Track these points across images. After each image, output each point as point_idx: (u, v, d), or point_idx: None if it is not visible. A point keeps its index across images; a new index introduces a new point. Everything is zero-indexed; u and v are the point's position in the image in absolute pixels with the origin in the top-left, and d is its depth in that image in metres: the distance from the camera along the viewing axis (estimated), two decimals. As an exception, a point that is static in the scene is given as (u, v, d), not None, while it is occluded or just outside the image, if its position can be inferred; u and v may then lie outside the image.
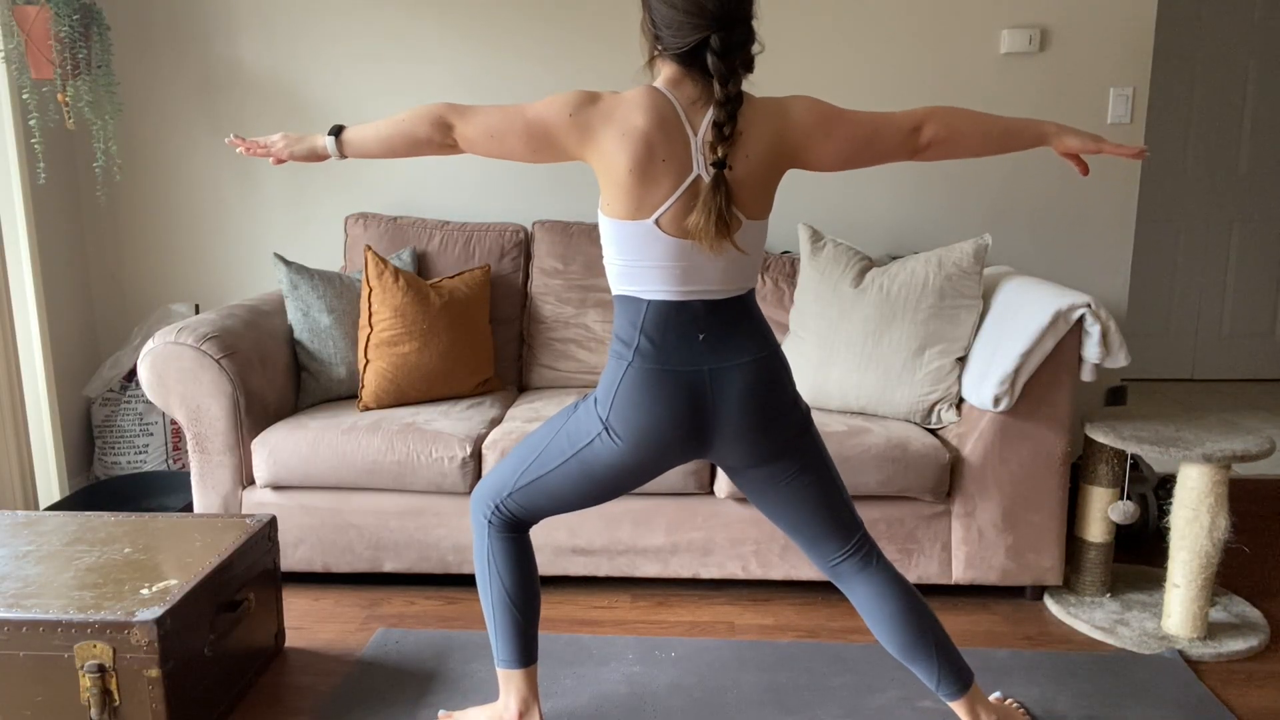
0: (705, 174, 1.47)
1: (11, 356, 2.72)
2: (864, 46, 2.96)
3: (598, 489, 1.65)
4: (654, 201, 1.48)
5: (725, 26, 1.43)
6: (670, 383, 1.53)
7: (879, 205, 3.05)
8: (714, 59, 1.44)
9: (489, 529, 1.72)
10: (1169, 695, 1.97)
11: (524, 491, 1.68)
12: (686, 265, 1.51)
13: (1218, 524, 2.10)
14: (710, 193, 1.45)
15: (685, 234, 1.48)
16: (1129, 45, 2.92)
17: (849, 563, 1.67)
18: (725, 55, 1.43)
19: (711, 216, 1.45)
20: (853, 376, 2.43)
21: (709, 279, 1.53)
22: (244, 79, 3.07)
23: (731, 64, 1.44)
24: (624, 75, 2.99)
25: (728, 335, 1.55)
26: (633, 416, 1.54)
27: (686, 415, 1.54)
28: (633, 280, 1.54)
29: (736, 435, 1.56)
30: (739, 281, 1.56)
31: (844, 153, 1.55)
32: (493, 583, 1.72)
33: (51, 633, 1.65)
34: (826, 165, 1.56)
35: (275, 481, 2.36)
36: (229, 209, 3.16)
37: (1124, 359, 2.19)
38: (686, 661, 2.11)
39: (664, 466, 1.62)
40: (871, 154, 1.56)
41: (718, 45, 1.43)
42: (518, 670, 1.75)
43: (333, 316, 2.63)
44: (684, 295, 1.53)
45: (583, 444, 1.60)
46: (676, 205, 1.48)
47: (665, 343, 1.53)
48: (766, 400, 1.56)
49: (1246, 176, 4.44)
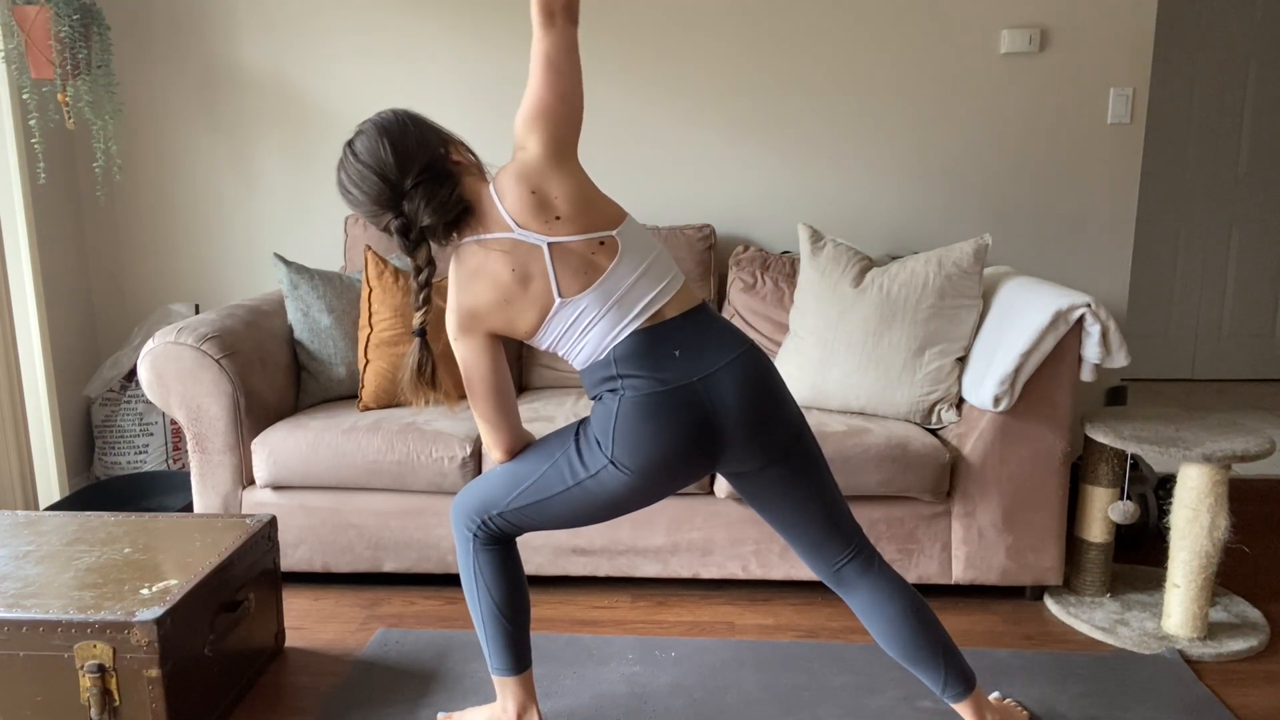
0: (542, 243, 1.53)
1: (11, 356, 2.72)
2: (864, 46, 2.96)
3: (602, 513, 1.63)
4: (543, 290, 1.53)
5: (392, 208, 1.54)
6: (667, 402, 1.51)
7: (879, 205, 3.06)
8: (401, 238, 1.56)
9: (474, 542, 1.70)
10: (1169, 695, 1.97)
11: (518, 512, 1.65)
12: (615, 302, 1.54)
13: (1218, 524, 2.10)
14: (567, 249, 1.53)
15: (587, 281, 1.53)
16: (1129, 45, 2.93)
17: (851, 566, 1.67)
18: (404, 233, 1.55)
19: (576, 259, 1.53)
20: (853, 376, 2.43)
21: (642, 295, 1.55)
22: (244, 79, 3.07)
23: (413, 237, 1.56)
24: (625, 75, 3.00)
25: (700, 343, 1.55)
26: (638, 445, 1.52)
27: (691, 430, 1.52)
28: (593, 347, 1.56)
29: (744, 434, 1.55)
30: (667, 278, 1.57)
31: (550, 107, 1.57)
32: (481, 596, 1.71)
33: (51, 633, 1.65)
34: (558, 139, 1.57)
35: (275, 481, 2.36)
36: (229, 209, 3.16)
37: (1124, 359, 2.18)
38: (686, 661, 2.11)
39: (677, 485, 1.60)
40: (551, 82, 1.58)
41: (398, 225, 1.55)
42: (512, 677, 1.74)
43: (333, 316, 2.63)
44: (635, 324, 1.54)
45: (585, 475, 1.58)
46: (558, 272, 1.53)
47: (645, 368, 1.53)
48: (763, 390, 1.56)
49: (1246, 176, 4.44)
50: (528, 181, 1.55)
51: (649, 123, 3.03)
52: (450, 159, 1.58)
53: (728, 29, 2.97)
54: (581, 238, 1.54)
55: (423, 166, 1.52)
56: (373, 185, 1.53)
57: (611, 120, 3.03)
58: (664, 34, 2.98)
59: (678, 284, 1.59)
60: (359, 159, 1.53)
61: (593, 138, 3.05)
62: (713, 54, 2.99)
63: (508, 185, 1.55)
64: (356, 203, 1.56)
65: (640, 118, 3.03)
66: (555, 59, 1.57)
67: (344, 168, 1.56)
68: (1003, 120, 2.99)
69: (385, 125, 1.55)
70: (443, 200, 1.52)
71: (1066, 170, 3.00)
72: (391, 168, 1.52)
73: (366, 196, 1.54)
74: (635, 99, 3.02)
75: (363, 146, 1.54)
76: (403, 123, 1.56)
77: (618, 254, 1.55)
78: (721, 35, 2.98)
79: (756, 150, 3.04)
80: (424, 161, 1.53)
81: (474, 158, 1.62)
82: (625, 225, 1.58)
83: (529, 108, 1.57)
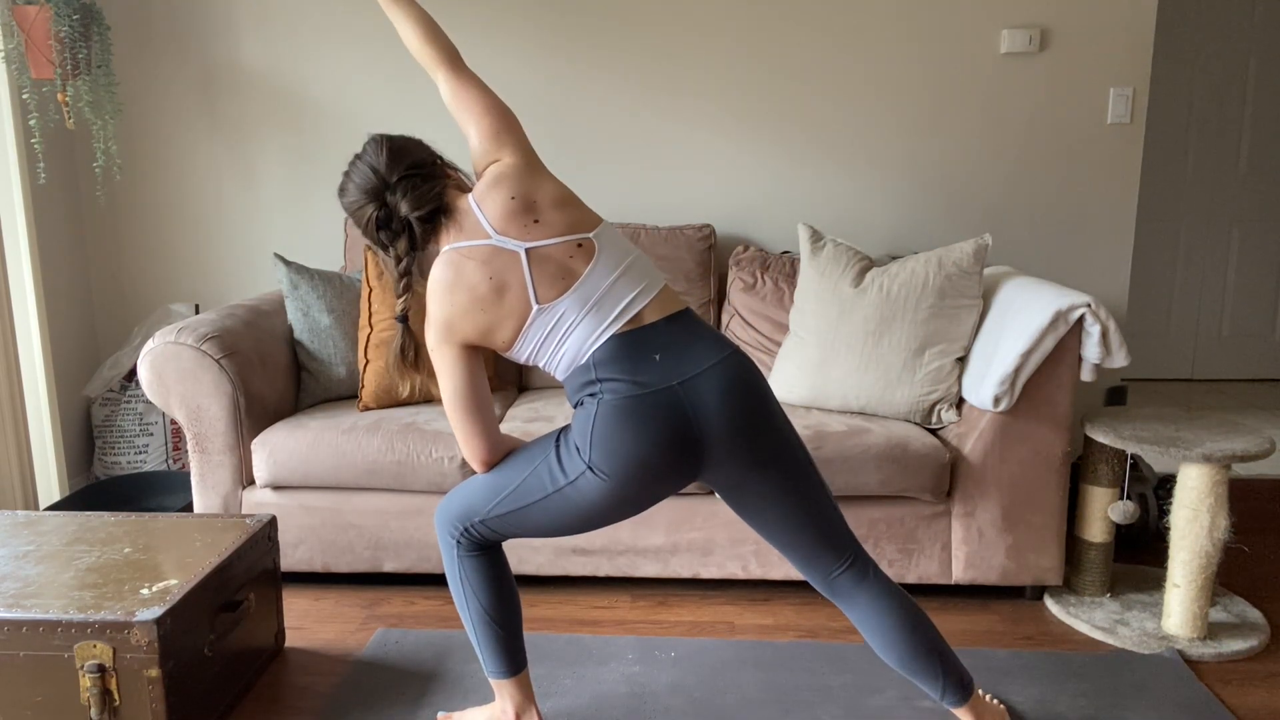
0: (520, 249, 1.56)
1: (11, 356, 2.72)
2: (864, 46, 2.96)
3: (584, 522, 1.62)
4: (520, 298, 1.55)
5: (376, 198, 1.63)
6: (646, 406, 1.50)
7: (879, 205, 3.06)
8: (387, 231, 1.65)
9: (458, 549, 1.69)
10: (1169, 695, 1.97)
11: (499, 520, 1.65)
12: (594, 305, 1.55)
13: (1218, 524, 2.10)
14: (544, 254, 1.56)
15: (564, 286, 1.56)
16: (1129, 45, 2.93)
17: (846, 577, 1.66)
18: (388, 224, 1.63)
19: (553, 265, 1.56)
20: (853, 376, 2.43)
21: (620, 297, 1.56)
22: (244, 79, 3.07)
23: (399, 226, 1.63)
24: (625, 74, 3.00)
25: (682, 347, 1.55)
26: (616, 450, 1.51)
27: (670, 435, 1.51)
28: (573, 354, 1.56)
29: (725, 440, 1.53)
30: (645, 281, 1.58)
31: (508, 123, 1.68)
32: (469, 601, 1.70)
33: (51, 633, 1.65)
34: (527, 149, 1.67)
35: (275, 481, 2.36)
36: (229, 209, 3.16)
37: (1124, 359, 2.19)
38: (686, 661, 2.11)
39: (658, 495, 1.59)
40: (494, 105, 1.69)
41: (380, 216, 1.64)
42: (508, 679, 1.74)
43: (333, 316, 2.63)
44: (614, 328, 1.54)
45: (565, 482, 1.57)
46: (536, 279, 1.55)
47: (624, 372, 1.52)
48: (746, 395, 1.54)
49: (1246, 176, 4.44)
50: (508, 187, 1.60)
51: (649, 122, 3.03)
52: (442, 168, 1.68)
53: (728, 29, 2.97)
54: (559, 240, 1.57)
55: (412, 163, 1.63)
56: (364, 177, 1.63)
57: (611, 120, 3.04)
58: (664, 34, 2.98)
59: (657, 287, 1.60)
60: (361, 159, 1.66)
61: (593, 137, 3.05)
62: (713, 54, 2.99)
63: (486, 192, 1.61)
64: (347, 196, 1.66)
65: (640, 117, 3.03)
66: (481, 90, 1.69)
67: (348, 171, 1.68)
68: (1003, 120, 2.99)
69: (391, 135, 1.68)
70: (423, 194, 1.61)
71: (1066, 170, 3.00)
72: (383, 162, 1.63)
73: (357, 187, 1.64)
74: (635, 99, 3.02)
75: (367, 150, 1.66)
76: (407, 137, 1.69)
77: (594, 256, 1.57)
78: (722, 35, 2.98)
79: (756, 150, 3.04)
80: (414, 160, 1.63)
81: (462, 175, 1.72)
82: (602, 228, 1.61)
83: (489, 127, 1.67)
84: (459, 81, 1.70)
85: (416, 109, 3.05)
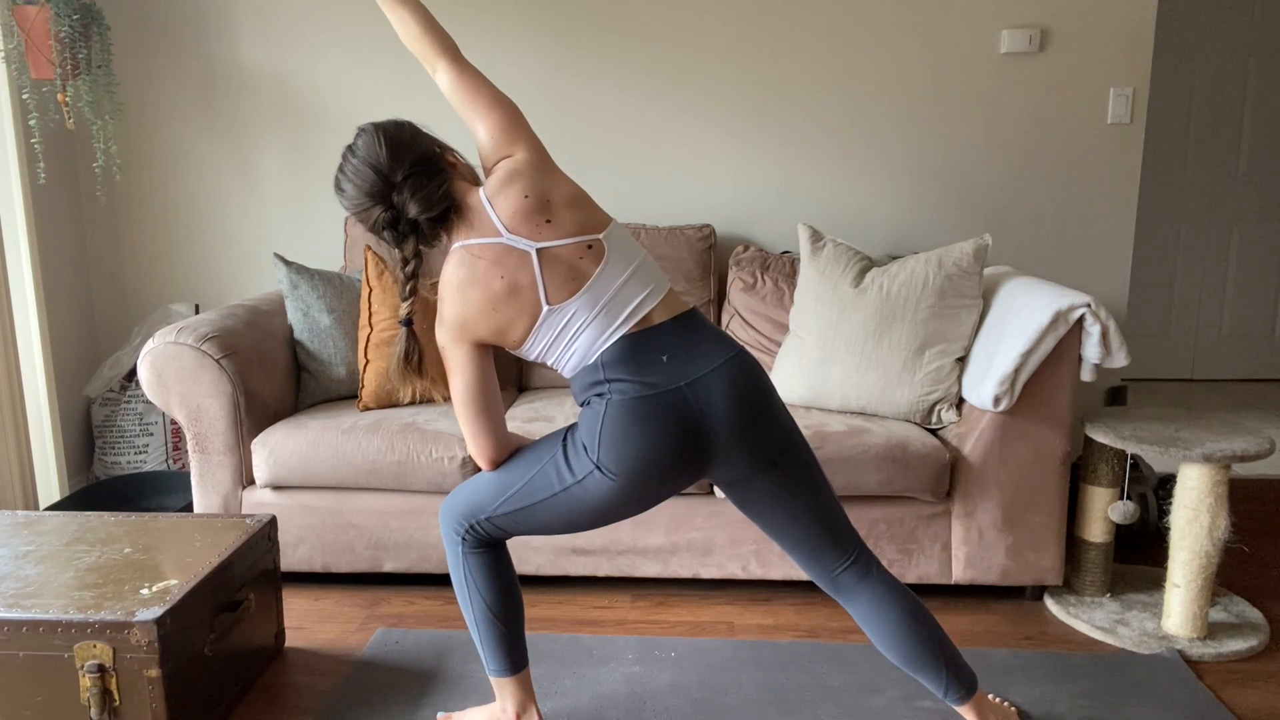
0: (531, 249, 1.54)
1: (11, 356, 2.72)
2: (864, 46, 2.96)
3: (590, 519, 1.62)
4: (532, 299, 1.54)
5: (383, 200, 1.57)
6: (653, 407, 1.51)
7: (879, 205, 3.06)
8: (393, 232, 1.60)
9: (462, 546, 1.69)
10: (1169, 695, 1.97)
11: (506, 517, 1.65)
12: (604, 306, 1.54)
13: (1218, 524, 2.10)
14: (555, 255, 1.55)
15: (575, 287, 1.54)
16: (1129, 45, 2.93)
17: (849, 573, 1.66)
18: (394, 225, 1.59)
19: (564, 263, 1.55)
20: (853, 376, 2.43)
21: (630, 299, 1.55)
22: (244, 79, 3.07)
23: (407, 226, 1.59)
24: (625, 74, 3.00)
25: (689, 348, 1.55)
26: (624, 450, 1.51)
27: (678, 435, 1.51)
28: (582, 354, 1.56)
29: (732, 439, 1.54)
30: (653, 283, 1.58)
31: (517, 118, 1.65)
32: (473, 598, 1.70)
33: (51, 633, 1.65)
34: (538, 145, 1.63)
35: (275, 481, 2.36)
36: (229, 209, 3.16)
37: (1124, 359, 2.19)
38: (686, 661, 2.11)
39: (665, 494, 1.59)
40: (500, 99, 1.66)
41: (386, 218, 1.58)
42: (509, 678, 1.74)
43: (333, 316, 2.63)
44: (623, 329, 1.54)
45: (572, 481, 1.57)
46: (546, 279, 1.54)
47: (632, 373, 1.52)
48: (752, 395, 1.55)
49: (1246, 176, 4.44)
50: (522, 184, 1.57)
51: (649, 122, 3.03)
52: (444, 158, 1.62)
53: (728, 29, 2.97)
54: (569, 241, 1.55)
55: (415, 159, 1.57)
56: (365, 177, 1.57)
57: (611, 120, 3.03)
58: (664, 34, 2.98)
59: (664, 289, 1.60)
60: (356, 155, 1.59)
61: (593, 137, 3.05)
62: (713, 54, 2.99)
63: (499, 189, 1.57)
64: (348, 197, 1.60)
65: (640, 117, 3.03)
66: (485, 82, 1.65)
67: (342, 167, 1.61)
68: (1003, 120, 2.99)
69: (383, 125, 1.61)
70: (430, 193, 1.55)
71: (1066, 170, 3.00)
72: (384, 160, 1.56)
73: (358, 189, 1.57)
74: (635, 98, 3.02)
75: (361, 144, 1.59)
76: (399, 124, 1.62)
77: (604, 257, 1.56)
78: (722, 35, 2.98)
79: (756, 150, 3.04)
80: (416, 155, 1.58)
81: (467, 163, 1.67)
82: (611, 229, 1.60)
83: (500, 121, 1.62)
84: (461, 73, 1.65)
85: (417, 109, 3.04)
